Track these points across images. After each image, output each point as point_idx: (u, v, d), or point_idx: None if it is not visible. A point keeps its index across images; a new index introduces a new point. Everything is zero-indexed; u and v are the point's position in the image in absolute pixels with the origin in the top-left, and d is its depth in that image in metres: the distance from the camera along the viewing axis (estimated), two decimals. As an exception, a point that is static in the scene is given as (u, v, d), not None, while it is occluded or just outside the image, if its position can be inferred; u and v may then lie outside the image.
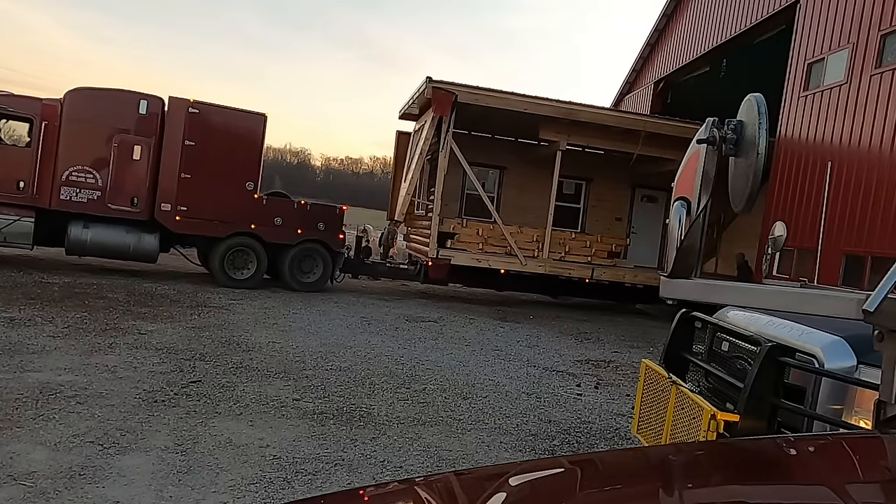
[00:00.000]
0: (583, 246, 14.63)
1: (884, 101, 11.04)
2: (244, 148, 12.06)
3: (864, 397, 2.86)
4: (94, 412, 4.76)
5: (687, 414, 3.44)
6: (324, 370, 6.77)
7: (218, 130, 11.87)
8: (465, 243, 13.83)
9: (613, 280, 14.15)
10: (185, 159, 11.53)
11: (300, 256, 12.34)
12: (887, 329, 1.67)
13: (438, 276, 13.31)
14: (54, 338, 6.79)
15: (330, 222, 12.56)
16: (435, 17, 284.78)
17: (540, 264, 13.71)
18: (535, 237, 14.11)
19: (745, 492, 1.21)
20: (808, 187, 12.82)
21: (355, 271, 13.89)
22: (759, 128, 2.49)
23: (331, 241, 12.52)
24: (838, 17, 12.54)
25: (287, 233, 12.15)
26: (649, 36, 22.18)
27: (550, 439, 5.43)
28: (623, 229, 17.03)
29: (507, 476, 1.23)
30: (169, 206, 11.49)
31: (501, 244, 13.83)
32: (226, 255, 11.82)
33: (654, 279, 14.12)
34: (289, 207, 12.48)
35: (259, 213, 12.01)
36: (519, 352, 9.09)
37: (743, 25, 16.10)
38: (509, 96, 13.19)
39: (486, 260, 13.51)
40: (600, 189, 17.02)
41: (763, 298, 2.51)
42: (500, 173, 16.81)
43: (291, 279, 12.28)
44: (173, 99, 11.59)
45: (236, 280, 11.87)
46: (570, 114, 13.44)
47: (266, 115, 12.29)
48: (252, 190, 12.03)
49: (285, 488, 3.89)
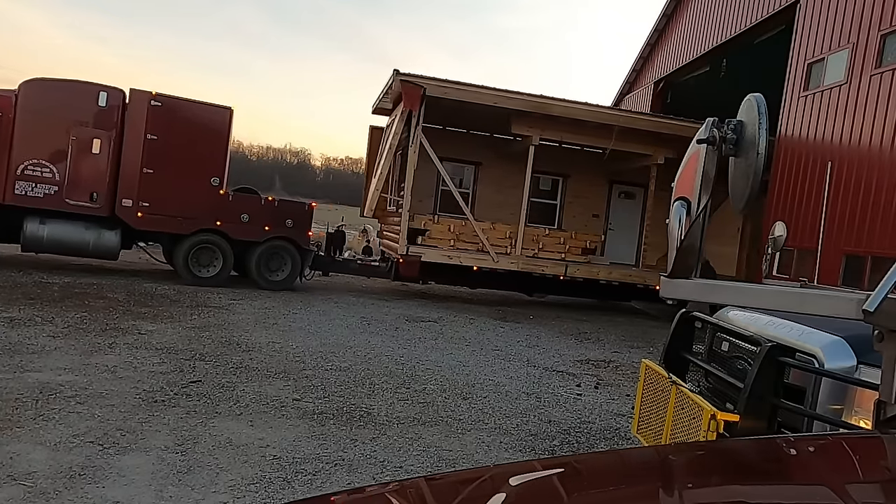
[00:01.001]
0: (557, 242, 14.46)
1: (884, 101, 11.04)
2: (209, 142, 11.78)
3: (864, 397, 2.86)
4: (94, 412, 4.76)
5: (687, 414, 3.44)
6: (324, 370, 6.77)
7: (182, 124, 11.56)
8: (437, 240, 13.63)
9: (588, 277, 13.94)
10: (147, 153, 11.21)
11: (268, 254, 12.08)
12: (887, 329, 1.67)
13: (409, 274, 13.08)
14: (54, 338, 6.79)
15: (298, 219, 12.29)
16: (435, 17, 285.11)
17: (512, 261, 13.49)
18: (507, 234, 13.91)
19: (745, 492, 1.21)
20: (808, 187, 12.82)
21: (326, 269, 13.65)
22: (759, 128, 2.49)
23: (299, 238, 12.26)
24: (838, 17, 12.54)
25: (254, 230, 11.89)
26: (649, 36, 22.18)
27: (550, 439, 5.43)
28: (600, 226, 16.86)
29: (507, 476, 1.23)
30: (130, 202, 11.19)
31: (474, 241, 13.64)
32: (190, 252, 11.57)
33: (628, 276, 14.09)
34: (256, 204, 12.24)
35: (225, 210, 11.74)
36: (519, 352, 9.09)
37: (743, 25, 16.10)
38: (479, 89, 12.99)
39: (457, 257, 13.30)
40: (577, 185, 16.83)
41: (763, 298, 2.51)
42: (476, 169, 16.58)
43: (259, 277, 12.03)
44: (134, 91, 11.28)
45: (201, 278, 11.61)
46: (542, 107, 13.24)
47: (232, 109, 12.03)
48: (217, 185, 11.73)
49: (285, 488, 3.89)
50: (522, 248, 13.67)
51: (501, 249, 13.64)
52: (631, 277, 14.13)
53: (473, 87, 12.95)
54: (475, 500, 1.13)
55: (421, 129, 12.87)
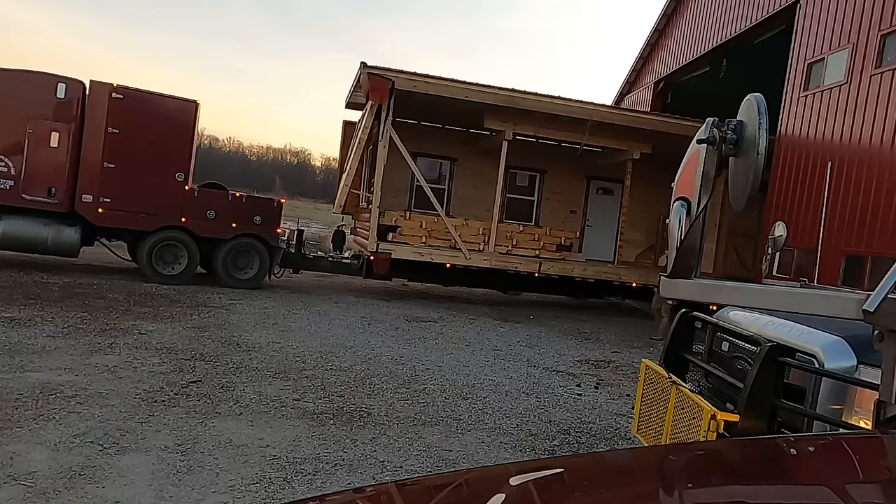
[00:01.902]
0: (531, 239, 14.10)
1: (884, 101, 11.04)
2: (174, 136, 11.44)
3: (864, 397, 2.86)
4: (94, 412, 4.76)
5: (687, 414, 3.44)
6: (324, 370, 6.77)
7: (145, 117, 11.20)
8: (408, 237, 13.29)
9: (562, 274, 13.67)
10: (108, 147, 10.86)
11: (235, 251, 11.80)
12: (887, 329, 1.67)
13: (380, 271, 12.75)
14: (54, 338, 6.79)
15: (267, 216, 12.03)
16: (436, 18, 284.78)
17: (485, 258, 13.22)
18: (481, 230, 13.60)
19: (745, 492, 1.21)
20: (808, 187, 12.82)
21: (296, 266, 13.29)
22: (759, 128, 2.49)
23: (268, 235, 11.98)
24: (838, 17, 12.54)
25: (221, 227, 11.60)
26: (649, 36, 22.18)
27: (550, 439, 5.43)
28: (578, 222, 16.69)
29: (507, 476, 1.23)
30: (91, 198, 10.82)
31: (446, 238, 13.32)
32: (154, 249, 11.27)
33: (603, 273, 13.88)
34: (222, 200, 11.95)
35: (190, 206, 11.44)
36: (519, 352, 9.09)
37: (743, 25, 16.09)
38: (449, 83, 12.65)
39: (428, 254, 12.99)
40: (555, 181, 16.58)
41: (763, 298, 2.51)
42: (451, 165, 16.22)
43: (226, 275, 11.75)
44: (95, 83, 10.88)
45: (165, 276, 11.30)
46: (514, 101, 12.91)
47: (198, 103, 11.75)
48: (182, 181, 11.42)
49: (285, 488, 3.89)
50: (496, 245, 13.40)
51: (474, 246, 13.38)
52: (606, 274, 13.93)
53: (443, 81, 12.64)
54: (475, 500, 1.13)
55: (391, 123, 12.57)
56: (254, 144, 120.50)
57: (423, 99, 13.01)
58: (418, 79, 12.46)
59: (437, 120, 15.56)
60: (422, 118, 15.41)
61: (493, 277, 13.78)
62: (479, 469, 2.51)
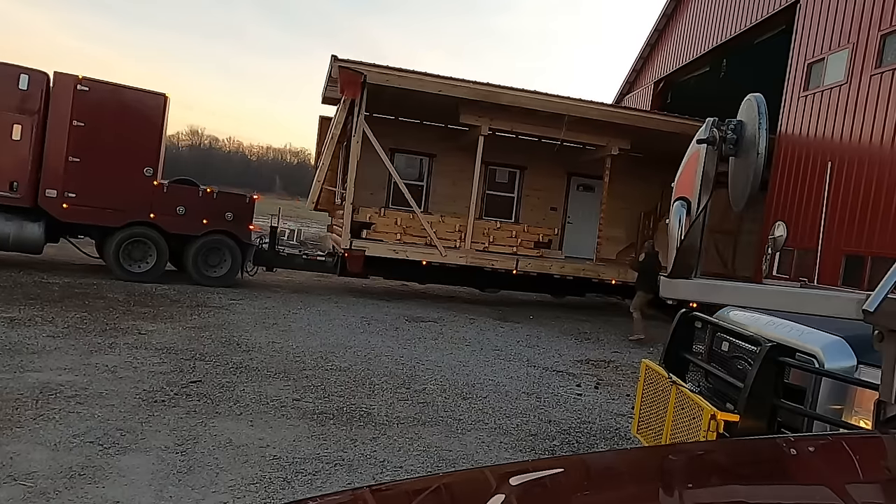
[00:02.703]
0: (508, 236, 13.81)
1: (884, 101, 11.04)
2: (142, 130, 11.12)
3: (864, 397, 2.86)
4: (94, 412, 4.76)
5: (687, 414, 3.44)
6: (324, 370, 6.77)
7: (112, 111, 10.90)
8: (383, 233, 13.02)
9: (540, 271, 13.43)
10: (73, 141, 10.57)
11: (206, 249, 11.57)
12: (887, 329, 1.67)
13: (354, 268, 12.52)
14: (54, 338, 6.79)
15: (239, 212, 11.81)
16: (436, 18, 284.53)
17: (461, 255, 12.97)
18: (457, 227, 13.35)
19: (745, 492, 1.21)
20: (808, 187, 12.82)
21: (270, 264, 13.03)
22: (759, 128, 2.48)
23: (240, 232, 11.75)
24: (838, 17, 12.54)
25: (191, 223, 11.37)
26: (649, 36, 22.18)
27: (550, 439, 5.43)
28: (558, 219, 16.53)
29: (507, 476, 1.23)
30: (55, 193, 10.51)
31: (422, 234, 13.07)
32: (121, 246, 11.01)
33: (581, 270, 13.68)
34: (193, 196, 11.67)
35: (159, 202, 11.18)
36: (519, 352, 9.09)
37: (743, 25, 16.10)
38: (422, 77, 12.40)
39: (403, 251, 12.74)
40: (535, 178, 16.40)
41: (763, 298, 2.51)
42: (430, 161, 15.98)
43: (196, 273, 11.52)
44: (59, 74, 10.60)
45: (133, 273, 11.05)
46: (489, 96, 12.66)
47: (167, 96, 11.43)
48: (151, 176, 11.14)
49: (285, 488, 3.89)
50: (472, 242, 13.19)
51: (450, 243, 13.16)
52: (584, 271, 13.73)
53: (416, 74, 12.37)
54: (475, 500, 1.12)
55: (363, 117, 12.33)
56: (254, 144, 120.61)
57: (398, 94, 12.75)
58: (390, 72, 12.20)
59: (415, 115, 15.31)
60: (399, 114, 15.18)
61: (470, 275, 13.53)
62: (479, 469, 2.51)
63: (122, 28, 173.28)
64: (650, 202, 16.85)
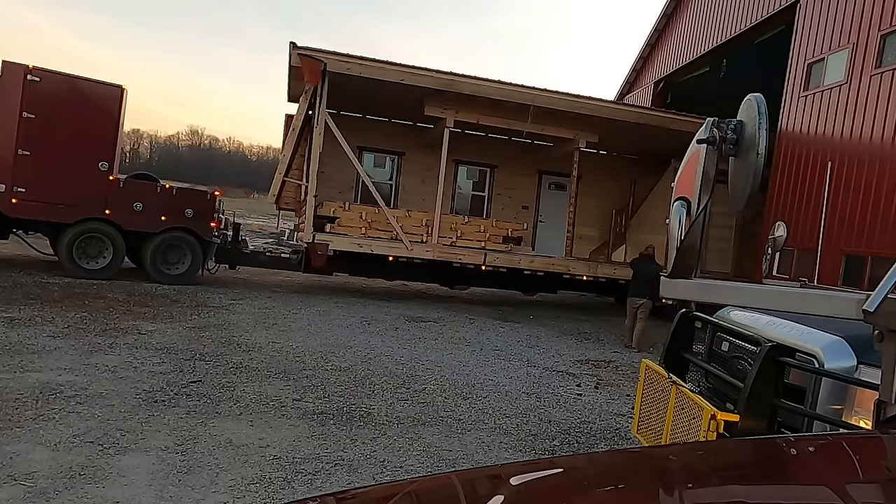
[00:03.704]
0: (476, 231, 13.48)
1: (884, 101, 11.05)
2: (97, 123, 10.73)
3: (864, 397, 2.86)
4: (94, 412, 4.76)
5: (687, 414, 3.44)
6: (324, 370, 6.77)
7: (65, 102, 10.50)
8: (347, 228, 12.71)
9: (510, 266, 13.18)
10: (22, 133, 10.16)
11: (165, 246, 11.29)
12: (887, 329, 1.67)
13: (318, 263, 12.19)
14: (54, 338, 6.79)
15: (199, 209, 11.52)
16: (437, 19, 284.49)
17: (428, 250, 12.64)
18: (424, 221, 13.03)
19: (745, 492, 1.21)
20: (808, 187, 12.82)
21: (232, 261, 12.75)
22: (759, 128, 2.49)
23: (200, 229, 11.45)
24: (838, 17, 12.54)
25: (149, 220, 11.08)
26: (649, 36, 22.19)
27: (550, 439, 5.43)
28: (531, 218, 16.31)
29: (507, 476, 1.23)
30: (3, 187, 10.15)
31: (387, 229, 12.79)
32: (75, 242, 10.68)
33: (551, 265, 13.39)
34: (150, 191, 11.36)
35: (115, 197, 10.85)
36: (519, 352, 9.09)
37: (743, 25, 16.10)
38: (384, 65, 12.02)
39: (368, 245, 12.41)
40: (506, 176, 16.22)
41: (763, 298, 2.51)
42: (399, 159, 15.76)
43: (155, 271, 11.23)
44: (7, 64, 10.21)
45: (88, 270, 10.71)
46: (453, 85, 12.28)
47: (124, 87, 11.06)
48: (107, 171, 10.77)
49: (285, 488, 3.89)
50: (439, 237, 12.88)
51: (417, 238, 12.84)
52: (554, 266, 13.43)
53: (378, 63, 12.03)
54: (475, 500, 1.12)
55: (325, 108, 12.03)
56: (254, 144, 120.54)
57: (363, 89, 12.51)
58: (352, 60, 11.83)
59: (382, 113, 15.06)
60: (367, 111, 14.95)
61: (438, 270, 13.32)
62: (479, 469, 2.51)
63: (121, 27, 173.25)
64: (622, 200, 16.73)
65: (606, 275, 13.65)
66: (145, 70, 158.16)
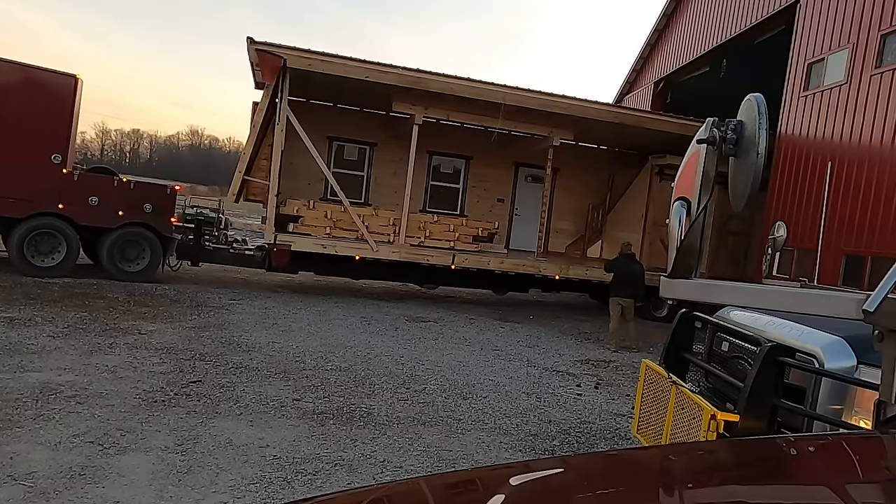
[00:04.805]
0: (445, 230, 13.04)
1: (884, 101, 11.05)
2: (50, 114, 10.24)
3: (864, 397, 2.86)
4: (94, 412, 4.76)
5: (687, 414, 3.44)
6: (324, 370, 6.77)
7: (14, 92, 10.05)
8: (311, 227, 12.31)
9: (479, 267, 12.84)
10: None
11: (122, 241, 10.91)
12: (887, 329, 1.67)
13: (280, 263, 11.89)
14: (54, 338, 6.79)
15: (158, 204, 11.08)
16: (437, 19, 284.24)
17: (394, 250, 12.29)
18: (391, 220, 12.63)
19: (745, 492, 1.21)
20: (808, 187, 12.82)
21: (195, 258, 12.36)
22: (759, 128, 2.49)
23: (160, 224, 11.05)
24: (838, 17, 12.54)
25: (105, 215, 10.66)
26: (649, 36, 22.19)
27: (550, 439, 5.43)
28: (506, 211, 15.96)
29: (507, 476, 1.23)
30: None
31: (353, 228, 12.41)
32: (26, 238, 10.23)
33: (521, 266, 13.13)
34: (107, 185, 10.88)
35: (69, 191, 10.39)
36: (519, 352, 9.09)
37: (743, 25, 16.11)
38: (347, 62, 11.61)
39: (332, 246, 12.02)
40: (481, 168, 15.75)
41: (763, 298, 2.51)
42: (370, 150, 15.15)
43: (112, 267, 10.87)
44: None
45: (40, 268, 10.31)
46: (420, 83, 11.95)
47: (78, 77, 10.60)
48: (60, 163, 10.30)
49: (285, 488, 3.89)
50: (407, 237, 12.52)
51: (384, 238, 12.51)
52: (525, 267, 13.07)
53: (341, 59, 11.59)
54: (475, 500, 1.12)
55: (287, 104, 11.66)
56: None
57: (327, 80, 12.10)
58: (313, 56, 11.42)
59: (354, 102, 14.55)
60: (337, 100, 14.43)
61: (407, 270, 12.92)
62: (479, 469, 2.51)
63: (120, 28, 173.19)
64: (599, 195, 16.54)
65: (578, 275, 13.33)
66: (145, 70, 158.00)
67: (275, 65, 11.32)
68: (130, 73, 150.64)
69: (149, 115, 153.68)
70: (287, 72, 11.43)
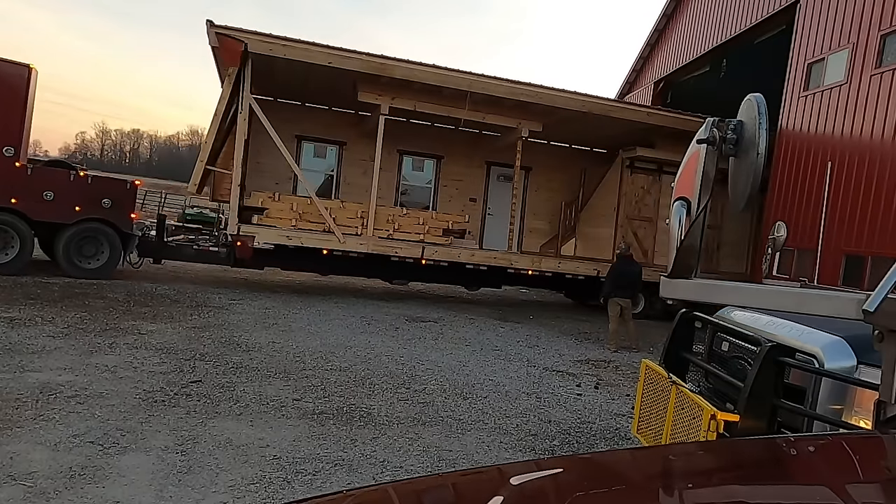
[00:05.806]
0: (414, 223, 12.82)
1: (884, 101, 11.05)
2: (1, 106, 9.94)
3: (864, 397, 2.86)
4: (94, 412, 4.76)
5: (687, 414, 3.44)
6: (324, 370, 6.77)
7: None
8: (277, 219, 12.02)
9: (449, 260, 12.61)
10: None
11: (79, 238, 10.61)
12: (887, 329, 1.67)
13: (244, 256, 11.61)
14: (54, 338, 6.79)
15: (118, 199, 10.82)
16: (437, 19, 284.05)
17: (362, 243, 12.10)
18: (359, 213, 12.45)
19: (745, 492, 1.21)
20: (808, 187, 12.83)
21: (157, 255, 12.10)
22: (759, 128, 2.49)
23: (119, 220, 10.79)
24: (838, 17, 12.55)
25: (61, 210, 10.33)
26: (649, 36, 22.20)
27: (550, 439, 5.43)
28: (478, 211, 15.87)
29: (507, 476, 1.23)
30: None
31: (320, 221, 12.16)
32: None
33: (493, 258, 12.99)
34: (62, 180, 10.55)
35: (22, 186, 10.07)
36: (519, 352, 9.09)
37: (743, 25, 16.11)
38: (310, 47, 11.33)
39: (297, 238, 11.79)
40: (452, 167, 15.72)
41: (763, 298, 2.51)
42: (340, 149, 15.11)
43: (69, 264, 10.57)
44: None
45: None
46: (385, 69, 11.71)
47: (32, 67, 10.28)
48: (12, 156, 10.01)
49: (285, 488, 3.89)
50: (375, 230, 12.36)
51: (352, 230, 12.30)
52: (496, 260, 12.93)
53: (303, 44, 11.35)
54: (475, 500, 1.12)
55: (249, 92, 11.42)
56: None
57: (292, 72, 11.98)
58: (275, 41, 11.16)
59: (319, 98, 14.41)
60: (304, 98, 14.40)
61: (376, 265, 12.72)
62: (479, 469, 2.51)
63: (122, 28, 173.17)
64: (572, 192, 16.48)
65: (551, 269, 13.21)
66: (145, 70, 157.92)
67: (235, 49, 11.00)
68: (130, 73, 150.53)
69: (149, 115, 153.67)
70: (249, 57, 11.20)
